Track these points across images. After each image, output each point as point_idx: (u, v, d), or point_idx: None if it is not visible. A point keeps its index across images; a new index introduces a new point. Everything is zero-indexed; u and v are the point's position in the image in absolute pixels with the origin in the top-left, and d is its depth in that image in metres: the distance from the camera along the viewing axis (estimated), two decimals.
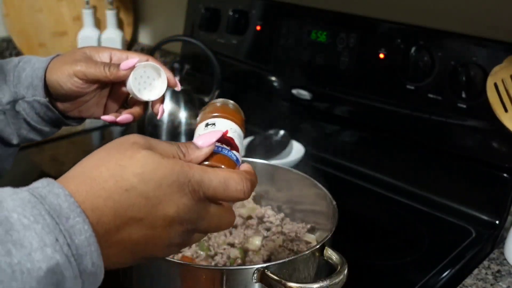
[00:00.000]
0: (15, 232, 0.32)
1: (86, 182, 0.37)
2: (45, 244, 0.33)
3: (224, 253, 0.71)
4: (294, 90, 1.12)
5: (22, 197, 0.34)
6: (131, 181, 0.38)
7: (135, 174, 0.38)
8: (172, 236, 0.40)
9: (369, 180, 1.01)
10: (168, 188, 0.39)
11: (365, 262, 0.78)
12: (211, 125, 0.48)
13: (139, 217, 0.38)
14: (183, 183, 0.39)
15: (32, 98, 0.62)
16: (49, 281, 0.33)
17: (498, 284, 0.74)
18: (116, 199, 0.37)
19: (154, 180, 0.38)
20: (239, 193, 0.42)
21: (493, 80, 0.79)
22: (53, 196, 0.35)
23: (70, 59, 0.60)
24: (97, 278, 0.37)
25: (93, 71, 0.58)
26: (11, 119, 0.63)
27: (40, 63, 0.62)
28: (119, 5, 1.54)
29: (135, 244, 0.39)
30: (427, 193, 0.95)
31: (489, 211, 0.88)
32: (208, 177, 0.41)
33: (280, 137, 1.08)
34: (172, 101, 1.11)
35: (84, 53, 0.61)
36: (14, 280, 0.31)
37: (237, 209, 0.81)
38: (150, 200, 0.38)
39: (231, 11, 1.19)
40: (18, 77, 0.63)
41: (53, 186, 0.35)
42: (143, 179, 0.38)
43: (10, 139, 0.64)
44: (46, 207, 0.34)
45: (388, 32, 0.96)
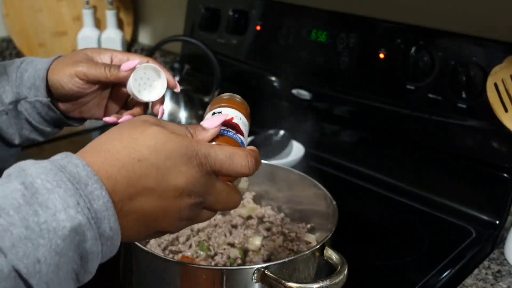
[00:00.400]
0: (40, 195, 0.35)
1: (100, 154, 0.40)
2: (68, 206, 0.35)
3: (224, 253, 0.71)
4: (294, 90, 1.12)
5: (44, 166, 0.37)
6: (143, 152, 0.40)
7: (147, 146, 0.40)
8: (182, 208, 0.42)
9: (369, 180, 1.01)
10: (178, 160, 0.41)
11: (365, 262, 0.78)
12: (217, 113, 0.50)
13: (150, 187, 0.40)
14: (191, 156, 0.42)
15: (34, 98, 0.62)
16: (73, 240, 0.35)
17: (498, 284, 0.74)
18: (129, 168, 0.39)
19: (165, 152, 0.41)
20: (244, 168, 0.44)
21: (493, 80, 0.79)
22: (72, 166, 0.37)
23: (72, 60, 0.61)
24: (114, 243, 0.39)
25: (94, 72, 0.59)
26: (13, 119, 0.64)
27: (42, 64, 0.63)
28: (119, 5, 1.54)
29: (147, 214, 0.41)
30: (427, 193, 0.95)
31: (489, 211, 0.88)
32: (214, 151, 0.43)
33: (280, 137, 1.08)
34: (172, 101, 1.11)
35: (85, 55, 0.62)
36: (42, 238, 0.34)
37: (237, 209, 0.81)
38: (161, 170, 0.40)
39: (231, 11, 1.19)
40: (20, 78, 0.63)
41: (72, 158, 0.38)
42: (154, 151, 0.40)
43: (12, 139, 0.65)
44: (67, 175, 0.36)
45: (388, 32, 0.96)
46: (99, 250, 0.37)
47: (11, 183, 0.36)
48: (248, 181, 0.82)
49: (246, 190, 0.82)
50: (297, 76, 1.11)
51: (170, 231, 0.45)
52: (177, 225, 0.44)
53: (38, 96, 0.62)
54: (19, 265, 0.33)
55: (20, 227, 0.33)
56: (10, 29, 1.49)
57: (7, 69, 0.65)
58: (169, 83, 0.62)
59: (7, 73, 0.64)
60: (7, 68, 0.65)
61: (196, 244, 0.72)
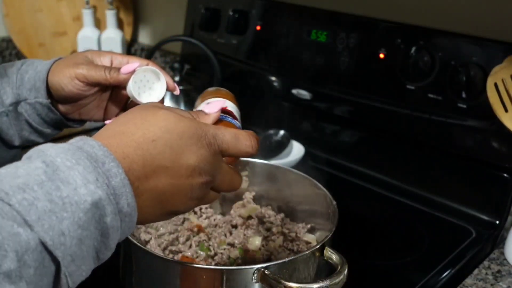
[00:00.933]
0: (61, 172, 0.36)
1: (116, 136, 0.42)
2: (88, 181, 0.37)
3: (224, 253, 0.71)
4: (294, 90, 1.12)
5: (62, 146, 0.38)
6: (157, 132, 0.42)
7: (160, 127, 0.43)
8: (193, 187, 0.44)
9: (369, 180, 1.01)
10: (189, 140, 0.43)
11: (365, 262, 0.78)
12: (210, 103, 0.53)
13: (165, 166, 0.42)
14: (200, 136, 0.44)
15: (34, 100, 0.63)
16: (94, 214, 0.37)
17: (498, 284, 0.74)
18: (144, 148, 0.41)
19: (176, 131, 0.43)
20: (248, 148, 0.48)
21: (493, 80, 0.79)
22: (89, 146, 0.39)
23: (72, 62, 0.61)
24: (132, 220, 0.40)
25: (94, 74, 0.60)
26: (13, 120, 0.64)
27: (43, 66, 0.63)
28: (119, 5, 1.54)
29: (162, 192, 0.43)
30: (427, 193, 0.95)
31: (489, 211, 0.88)
32: (221, 132, 0.46)
33: (280, 137, 1.08)
34: (172, 101, 1.11)
35: (85, 57, 0.63)
36: (65, 211, 0.35)
37: (237, 209, 0.81)
38: (174, 149, 0.43)
39: (231, 11, 1.19)
40: (21, 79, 0.64)
41: (87, 139, 0.40)
42: (167, 130, 0.43)
43: (12, 140, 0.65)
44: (84, 154, 0.38)
45: (388, 32, 0.96)
46: (118, 226, 0.39)
47: (33, 163, 0.37)
48: (248, 181, 0.82)
49: (246, 190, 0.82)
50: (297, 76, 1.11)
51: (181, 211, 0.46)
52: (188, 204, 0.46)
53: (38, 97, 0.63)
54: (45, 237, 0.34)
55: (44, 201, 0.34)
56: (10, 29, 1.49)
57: (8, 70, 0.65)
58: (169, 85, 0.62)
59: (8, 74, 0.64)
60: (8, 69, 0.65)
61: (196, 244, 0.72)
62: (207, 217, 0.79)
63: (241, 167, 0.81)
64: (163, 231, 0.74)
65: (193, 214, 0.80)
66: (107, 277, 0.43)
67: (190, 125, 0.44)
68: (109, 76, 0.60)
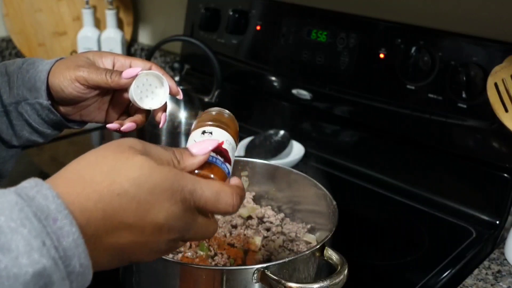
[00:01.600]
0: (2, 235, 0.32)
1: (77, 183, 0.37)
2: (32, 248, 0.33)
3: (224, 253, 0.71)
4: (294, 90, 1.12)
5: (9, 200, 0.34)
6: (124, 185, 0.38)
7: (128, 179, 0.38)
8: (160, 243, 0.41)
9: (369, 180, 1.01)
10: (160, 195, 0.39)
11: (365, 262, 0.78)
12: (208, 133, 0.48)
13: (129, 222, 0.38)
14: (175, 191, 0.40)
15: (35, 101, 0.62)
16: (36, 283, 0.33)
17: (499, 284, 0.74)
18: (107, 201, 0.37)
19: (147, 185, 0.39)
20: (229, 207, 0.43)
21: (493, 80, 0.79)
22: (42, 197, 0.35)
23: (73, 64, 0.60)
24: (86, 278, 0.36)
25: (94, 77, 0.58)
26: (14, 120, 0.64)
27: (44, 66, 0.62)
28: (119, 5, 1.54)
29: (123, 248, 0.39)
30: (427, 193, 0.95)
31: (489, 211, 0.88)
32: (201, 187, 0.41)
33: (280, 137, 1.08)
34: (172, 101, 1.11)
35: (87, 58, 0.62)
36: (1, 285, 0.31)
37: None
38: (142, 205, 0.38)
39: (231, 11, 1.19)
40: (21, 79, 0.63)
41: (42, 187, 0.35)
42: (137, 184, 0.38)
43: (11, 140, 0.65)
44: (33, 209, 0.34)
45: (388, 32, 0.96)
46: None
47: None
48: (248, 181, 0.82)
49: (246, 190, 0.82)
50: (297, 76, 1.11)
51: (145, 261, 0.43)
52: (152, 256, 0.42)
53: (38, 98, 0.61)
54: None
55: None
56: (10, 29, 1.49)
57: (8, 69, 0.64)
58: (172, 90, 0.61)
59: (8, 73, 0.64)
60: (8, 68, 0.64)
61: (196, 244, 0.72)
62: None
63: (241, 167, 0.81)
64: None
65: None
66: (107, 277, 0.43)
67: (166, 178, 0.39)
68: (110, 79, 0.58)
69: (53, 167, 1.09)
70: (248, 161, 0.82)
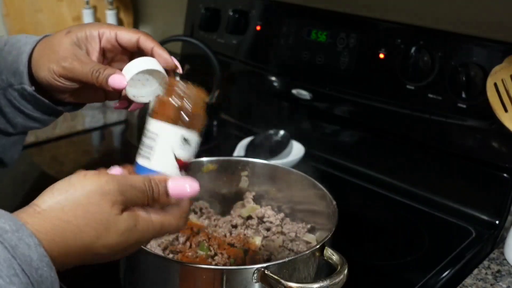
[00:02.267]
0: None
1: (49, 222, 0.40)
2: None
3: (224, 253, 0.71)
4: (294, 90, 1.12)
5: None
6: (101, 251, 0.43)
7: (104, 246, 0.43)
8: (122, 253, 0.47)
9: (369, 180, 1.01)
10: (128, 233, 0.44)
11: (365, 262, 0.78)
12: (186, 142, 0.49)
13: (94, 253, 0.43)
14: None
15: (20, 86, 0.57)
16: None
17: (498, 284, 0.74)
18: (71, 245, 0.41)
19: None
20: (174, 231, 0.51)
21: (493, 80, 0.79)
22: (24, 247, 0.37)
23: (56, 56, 0.55)
24: None
25: (79, 74, 0.54)
26: (4, 108, 0.58)
27: (25, 47, 0.57)
28: (119, 5, 1.54)
29: (87, 263, 0.44)
30: (427, 193, 0.95)
31: (489, 211, 0.88)
32: (146, 223, 0.46)
33: (280, 137, 1.08)
34: None
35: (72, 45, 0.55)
36: None
37: (237, 209, 0.81)
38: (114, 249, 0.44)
39: (231, 11, 1.19)
40: (4, 62, 0.57)
41: (23, 233, 0.37)
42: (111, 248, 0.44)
43: (6, 128, 0.60)
44: (18, 261, 0.36)
45: (388, 32, 0.96)
46: None
47: None
48: (248, 181, 0.82)
49: (246, 190, 0.82)
50: (297, 76, 1.11)
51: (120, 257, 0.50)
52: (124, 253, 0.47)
53: (23, 83, 0.56)
54: None
55: None
56: (10, 29, 1.49)
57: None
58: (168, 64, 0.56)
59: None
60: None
61: (196, 244, 0.72)
62: (207, 217, 0.79)
63: (241, 167, 0.81)
64: None
65: (193, 214, 0.80)
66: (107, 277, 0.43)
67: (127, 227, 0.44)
68: (96, 81, 0.53)
69: (53, 167, 1.09)
70: (248, 161, 0.82)
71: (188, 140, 0.49)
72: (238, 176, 0.82)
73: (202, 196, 0.82)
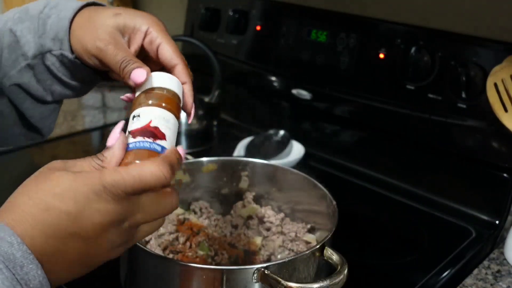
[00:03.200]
0: None
1: (15, 211, 0.40)
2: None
3: (224, 253, 0.71)
4: (294, 90, 1.12)
5: None
6: (50, 201, 0.40)
7: (52, 195, 0.40)
8: (111, 240, 0.42)
9: (369, 180, 1.01)
10: (86, 200, 0.40)
11: (365, 262, 0.78)
12: (136, 117, 0.47)
13: (70, 232, 0.40)
14: (98, 191, 0.41)
15: (59, 52, 0.54)
16: None
17: (498, 284, 0.74)
18: (41, 221, 0.39)
19: (69, 195, 0.40)
20: (159, 180, 0.42)
21: (493, 80, 0.79)
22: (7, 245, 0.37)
23: (94, 34, 0.51)
24: None
25: (110, 60, 0.50)
26: (41, 75, 0.56)
27: (66, 11, 0.53)
28: (119, 5, 1.54)
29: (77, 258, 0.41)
30: (427, 193, 0.95)
31: (489, 211, 0.88)
32: (122, 177, 0.41)
33: (280, 137, 1.08)
34: None
35: (112, 31, 0.52)
36: None
37: (237, 209, 0.81)
38: (72, 214, 0.40)
39: (231, 11, 1.19)
40: (43, 26, 0.54)
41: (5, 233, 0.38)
42: (60, 197, 0.40)
43: (43, 96, 0.57)
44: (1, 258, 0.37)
45: (388, 32, 0.96)
46: None
47: None
48: (248, 181, 0.82)
49: (246, 190, 0.82)
50: (297, 76, 1.11)
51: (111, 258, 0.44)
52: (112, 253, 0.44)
53: (63, 49, 0.53)
54: None
55: None
56: None
57: (29, 13, 0.55)
58: (186, 108, 0.53)
59: (30, 18, 0.55)
60: (30, 11, 0.55)
61: (196, 244, 0.72)
62: (207, 217, 0.79)
63: (241, 167, 0.81)
64: (163, 231, 0.74)
65: (193, 214, 0.80)
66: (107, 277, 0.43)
67: (84, 183, 0.40)
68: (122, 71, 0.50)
69: None
70: (248, 161, 0.82)
71: None
72: (238, 176, 0.82)
73: (202, 196, 0.83)
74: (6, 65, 0.55)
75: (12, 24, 0.55)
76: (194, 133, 1.14)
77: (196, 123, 1.15)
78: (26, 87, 0.56)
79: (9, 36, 0.55)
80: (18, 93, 0.57)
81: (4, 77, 0.56)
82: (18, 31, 0.55)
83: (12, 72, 0.55)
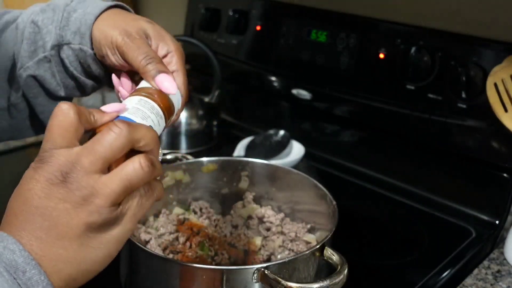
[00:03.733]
0: None
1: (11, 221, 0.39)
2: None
3: (224, 253, 0.71)
4: (294, 90, 1.12)
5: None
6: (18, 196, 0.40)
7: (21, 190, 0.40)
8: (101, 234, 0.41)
9: (369, 180, 1.01)
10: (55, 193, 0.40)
11: (365, 262, 0.78)
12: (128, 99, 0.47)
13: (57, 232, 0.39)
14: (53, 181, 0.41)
15: (79, 46, 0.54)
16: None
17: (498, 284, 0.74)
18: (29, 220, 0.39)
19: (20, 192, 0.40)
20: (112, 138, 0.42)
21: (493, 80, 0.79)
22: (9, 252, 0.37)
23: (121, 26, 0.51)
24: None
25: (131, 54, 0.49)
26: (56, 67, 0.56)
27: (93, 8, 0.53)
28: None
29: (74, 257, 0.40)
30: (427, 193, 0.95)
31: (489, 211, 0.88)
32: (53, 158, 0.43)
33: (280, 137, 1.08)
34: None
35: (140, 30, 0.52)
36: None
37: (237, 209, 0.81)
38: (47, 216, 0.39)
39: (231, 11, 1.19)
40: (67, 18, 0.54)
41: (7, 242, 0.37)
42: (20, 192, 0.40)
43: (56, 90, 0.57)
44: (3, 265, 0.36)
45: (388, 32, 0.96)
46: None
47: None
48: (248, 181, 0.82)
49: (246, 190, 0.82)
50: (297, 76, 1.11)
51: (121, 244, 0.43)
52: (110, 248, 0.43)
53: (82, 44, 0.53)
54: None
55: None
56: None
57: (55, 2, 0.56)
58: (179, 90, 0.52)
59: (54, 9, 0.55)
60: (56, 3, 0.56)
61: (196, 244, 0.72)
62: (207, 217, 0.79)
63: (241, 167, 0.81)
64: (163, 231, 0.74)
65: (193, 214, 0.80)
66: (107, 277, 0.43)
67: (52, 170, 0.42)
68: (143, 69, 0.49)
69: None
70: (248, 161, 0.82)
71: None
72: (238, 176, 0.82)
73: (202, 196, 0.83)
74: (24, 56, 0.56)
75: (34, 16, 0.56)
76: (194, 133, 1.14)
77: (196, 123, 1.15)
78: (41, 80, 0.57)
79: (30, 27, 0.56)
80: (33, 87, 0.58)
81: (21, 67, 0.57)
82: (40, 21, 0.55)
83: (30, 63, 0.56)
